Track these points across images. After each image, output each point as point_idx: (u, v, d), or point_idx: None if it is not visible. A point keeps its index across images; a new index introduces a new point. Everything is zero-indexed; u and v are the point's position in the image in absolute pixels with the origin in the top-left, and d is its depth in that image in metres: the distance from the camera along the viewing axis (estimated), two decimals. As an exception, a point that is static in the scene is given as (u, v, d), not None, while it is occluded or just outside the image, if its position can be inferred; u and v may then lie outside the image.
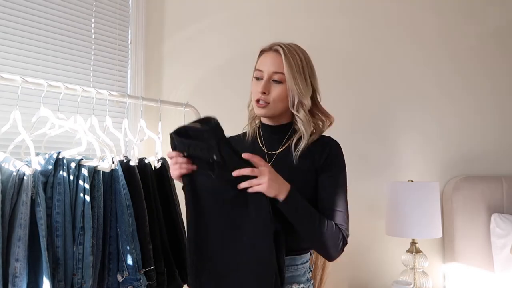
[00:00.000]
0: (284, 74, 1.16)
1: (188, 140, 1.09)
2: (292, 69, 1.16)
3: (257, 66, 1.22)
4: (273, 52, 1.20)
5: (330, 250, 1.13)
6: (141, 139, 1.57)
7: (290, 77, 1.16)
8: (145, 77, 1.84)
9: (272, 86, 1.18)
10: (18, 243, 1.05)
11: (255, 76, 1.22)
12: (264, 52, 1.23)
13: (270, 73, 1.18)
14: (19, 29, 1.47)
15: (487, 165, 2.59)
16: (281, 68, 1.17)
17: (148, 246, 1.37)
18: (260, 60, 1.23)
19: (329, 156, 1.19)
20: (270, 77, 1.18)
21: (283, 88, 1.18)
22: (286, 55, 1.16)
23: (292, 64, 1.16)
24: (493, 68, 2.66)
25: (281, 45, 1.19)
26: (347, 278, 2.28)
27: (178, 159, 1.11)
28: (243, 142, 1.29)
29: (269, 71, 1.18)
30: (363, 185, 2.32)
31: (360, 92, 2.40)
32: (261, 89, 1.17)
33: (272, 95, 1.18)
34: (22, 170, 1.07)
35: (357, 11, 2.43)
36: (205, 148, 1.07)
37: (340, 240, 1.12)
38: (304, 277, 1.21)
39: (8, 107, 1.31)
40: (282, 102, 1.19)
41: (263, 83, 1.18)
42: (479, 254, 2.32)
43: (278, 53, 1.18)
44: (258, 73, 1.20)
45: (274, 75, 1.18)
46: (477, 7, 2.66)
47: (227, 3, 2.08)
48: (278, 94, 1.18)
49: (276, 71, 1.17)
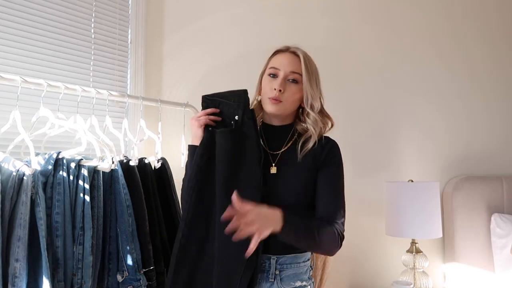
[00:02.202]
0: (301, 75, 1.22)
1: (219, 99, 1.26)
2: (308, 72, 1.23)
3: (271, 64, 1.27)
4: (290, 54, 1.26)
5: (329, 250, 1.19)
6: (141, 139, 1.57)
7: (307, 79, 1.22)
8: (145, 77, 1.84)
9: (288, 85, 1.23)
10: (17, 243, 1.05)
11: (269, 73, 1.26)
12: (280, 52, 1.28)
13: (287, 72, 1.23)
14: (19, 29, 1.47)
15: (487, 165, 2.59)
16: (299, 69, 1.23)
17: (148, 246, 1.37)
18: (275, 59, 1.28)
19: (328, 154, 1.24)
20: (286, 76, 1.23)
21: (298, 88, 1.24)
22: (305, 59, 1.23)
23: (309, 68, 1.23)
24: (498, 67, 2.66)
25: (299, 48, 1.27)
26: (347, 278, 2.28)
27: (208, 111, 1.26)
28: None
29: (286, 71, 1.23)
30: (363, 185, 2.32)
31: (360, 92, 2.40)
32: (277, 86, 1.21)
33: (287, 93, 1.23)
34: (22, 170, 1.07)
35: (356, 9, 2.43)
36: (232, 107, 1.22)
37: (337, 238, 1.16)
38: (306, 275, 1.24)
39: (8, 107, 1.30)
40: (294, 102, 1.25)
41: (280, 80, 1.22)
42: (479, 254, 2.32)
43: (296, 56, 1.25)
44: (274, 70, 1.25)
45: (290, 75, 1.23)
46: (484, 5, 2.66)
47: (227, 3, 2.08)
48: (293, 94, 1.23)
49: (293, 71, 1.23)
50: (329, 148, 1.25)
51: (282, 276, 1.19)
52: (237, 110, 1.22)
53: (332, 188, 1.22)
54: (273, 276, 1.18)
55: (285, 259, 1.20)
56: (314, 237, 1.12)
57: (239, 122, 1.21)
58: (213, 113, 1.26)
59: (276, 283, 1.18)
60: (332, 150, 1.25)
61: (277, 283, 1.18)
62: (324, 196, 1.21)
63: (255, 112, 1.24)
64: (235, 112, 1.22)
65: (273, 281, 1.18)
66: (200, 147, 1.23)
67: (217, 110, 1.26)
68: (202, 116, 1.26)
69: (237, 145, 1.19)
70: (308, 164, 1.23)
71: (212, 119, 1.25)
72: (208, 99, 1.28)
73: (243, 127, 1.21)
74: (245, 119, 1.21)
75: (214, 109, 1.26)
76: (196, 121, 1.26)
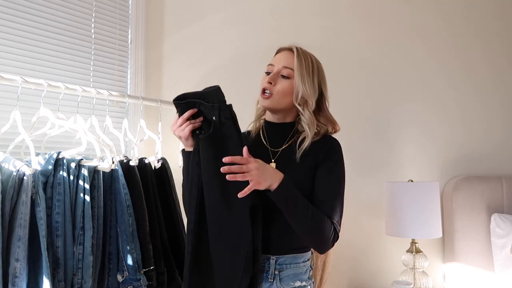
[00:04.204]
0: (293, 70, 1.22)
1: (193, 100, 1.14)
2: (301, 67, 1.22)
3: (271, 62, 1.29)
4: (287, 50, 1.27)
5: (321, 243, 1.16)
6: (141, 139, 1.57)
7: (298, 74, 1.21)
8: (145, 77, 1.84)
9: (279, 79, 1.24)
10: (18, 243, 1.05)
11: (266, 70, 1.28)
12: (280, 50, 1.30)
13: (280, 67, 1.24)
14: (19, 29, 1.47)
15: (487, 165, 2.59)
16: (291, 64, 1.23)
17: (148, 246, 1.37)
18: (274, 57, 1.29)
19: (329, 151, 1.23)
20: (279, 71, 1.24)
21: (289, 84, 1.23)
22: (299, 54, 1.23)
23: (303, 63, 1.22)
24: (496, 67, 2.66)
25: (297, 45, 1.26)
26: (347, 278, 2.28)
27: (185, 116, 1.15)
28: (247, 139, 1.32)
29: (279, 66, 1.24)
30: (363, 184, 2.32)
31: (360, 92, 2.40)
32: (268, 79, 1.23)
33: (277, 87, 1.23)
34: (22, 170, 1.07)
35: (354, 10, 2.43)
36: (207, 108, 1.13)
37: (332, 234, 1.14)
38: (306, 275, 1.24)
39: (8, 107, 1.31)
40: (286, 96, 1.24)
41: (272, 74, 1.23)
42: (479, 254, 2.32)
43: (291, 51, 1.25)
44: (269, 67, 1.27)
45: (283, 70, 1.24)
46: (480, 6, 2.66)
47: (227, 3, 2.08)
48: (283, 88, 1.23)
49: (285, 66, 1.23)
50: (329, 146, 1.24)
51: (281, 276, 1.18)
52: (213, 111, 1.12)
53: (328, 185, 1.19)
54: (273, 276, 1.18)
55: (285, 259, 1.19)
56: (307, 214, 1.10)
57: (217, 124, 1.12)
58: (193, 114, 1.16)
59: (275, 283, 1.18)
60: (332, 147, 1.24)
61: (277, 283, 1.18)
62: (319, 193, 1.18)
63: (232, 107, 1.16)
64: (211, 113, 1.13)
65: (273, 281, 1.18)
66: (194, 155, 1.17)
67: (195, 110, 1.15)
68: (183, 124, 1.15)
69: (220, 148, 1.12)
70: (308, 162, 1.21)
71: (194, 122, 1.16)
72: (182, 103, 1.14)
73: (222, 129, 1.13)
74: (222, 119, 1.12)
75: (192, 110, 1.15)
76: (181, 133, 1.16)
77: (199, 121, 1.16)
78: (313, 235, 1.14)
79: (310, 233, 1.14)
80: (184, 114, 1.16)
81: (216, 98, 1.13)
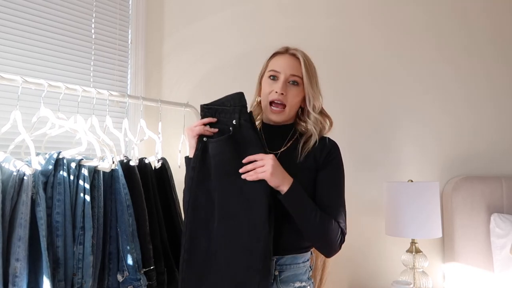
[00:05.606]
0: (301, 78, 1.23)
1: (216, 106, 1.21)
2: (309, 74, 1.23)
3: (271, 66, 1.27)
4: (290, 56, 1.26)
5: (329, 246, 1.17)
6: (141, 139, 1.57)
7: (308, 81, 1.23)
8: (145, 77, 1.85)
9: (288, 87, 1.24)
10: (18, 243, 1.05)
11: (269, 75, 1.26)
12: (278, 54, 1.28)
13: (287, 75, 1.23)
14: (19, 29, 1.47)
15: (487, 165, 2.59)
16: (299, 71, 1.23)
17: (148, 246, 1.37)
18: (275, 61, 1.27)
19: (329, 155, 1.24)
20: (287, 79, 1.23)
21: (299, 90, 1.24)
22: (305, 61, 1.24)
23: (309, 69, 1.24)
24: (491, 68, 2.66)
25: (298, 50, 1.26)
26: (347, 278, 2.28)
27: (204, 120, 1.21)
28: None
29: (286, 74, 1.23)
30: (363, 185, 2.32)
31: (360, 92, 2.40)
32: (279, 90, 1.22)
33: (289, 98, 1.23)
34: (22, 170, 1.07)
35: (356, 9, 2.43)
36: (229, 112, 1.19)
37: (339, 236, 1.16)
38: (305, 276, 1.24)
39: (8, 107, 1.31)
40: (296, 104, 1.26)
41: (281, 84, 1.22)
42: (479, 254, 2.32)
43: (295, 58, 1.25)
44: (274, 73, 1.25)
45: (291, 77, 1.23)
46: (471, 8, 2.66)
47: (227, 3, 2.09)
48: (294, 96, 1.24)
49: (293, 74, 1.23)
50: (329, 149, 1.25)
51: (281, 277, 1.18)
52: (234, 114, 1.18)
53: (331, 190, 1.21)
54: (273, 277, 1.18)
55: (285, 259, 1.19)
56: (315, 218, 1.12)
57: (237, 126, 1.17)
58: (210, 122, 1.21)
59: (275, 283, 1.18)
60: (332, 151, 1.25)
61: (277, 284, 1.18)
62: (323, 197, 1.20)
63: (252, 113, 1.22)
64: (232, 116, 1.19)
65: (273, 282, 1.18)
66: (193, 159, 1.20)
67: (213, 120, 1.21)
68: (198, 125, 1.21)
69: (238, 150, 1.16)
70: (308, 164, 1.22)
71: (208, 129, 1.20)
72: (206, 108, 1.23)
73: (241, 131, 1.17)
74: (242, 122, 1.18)
75: (211, 118, 1.21)
76: (191, 131, 1.21)
77: (212, 131, 1.20)
78: (321, 238, 1.15)
79: (319, 236, 1.15)
80: (204, 118, 1.21)
81: (239, 102, 1.19)
